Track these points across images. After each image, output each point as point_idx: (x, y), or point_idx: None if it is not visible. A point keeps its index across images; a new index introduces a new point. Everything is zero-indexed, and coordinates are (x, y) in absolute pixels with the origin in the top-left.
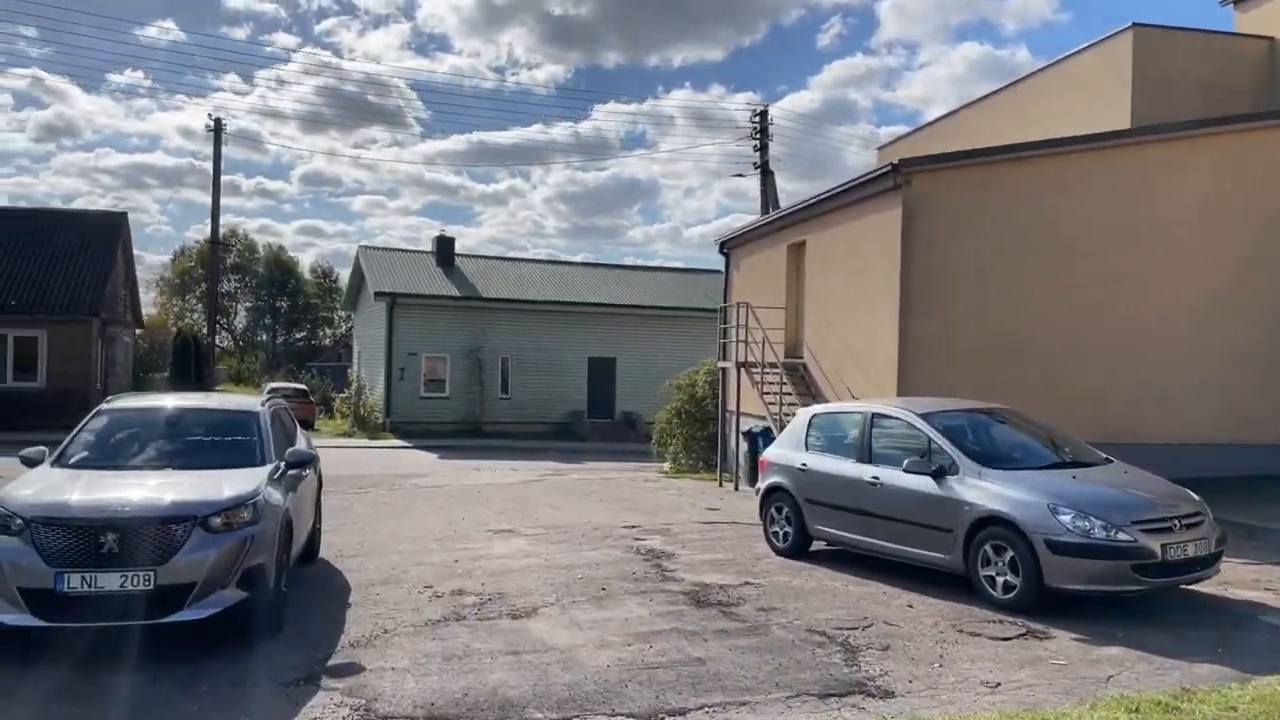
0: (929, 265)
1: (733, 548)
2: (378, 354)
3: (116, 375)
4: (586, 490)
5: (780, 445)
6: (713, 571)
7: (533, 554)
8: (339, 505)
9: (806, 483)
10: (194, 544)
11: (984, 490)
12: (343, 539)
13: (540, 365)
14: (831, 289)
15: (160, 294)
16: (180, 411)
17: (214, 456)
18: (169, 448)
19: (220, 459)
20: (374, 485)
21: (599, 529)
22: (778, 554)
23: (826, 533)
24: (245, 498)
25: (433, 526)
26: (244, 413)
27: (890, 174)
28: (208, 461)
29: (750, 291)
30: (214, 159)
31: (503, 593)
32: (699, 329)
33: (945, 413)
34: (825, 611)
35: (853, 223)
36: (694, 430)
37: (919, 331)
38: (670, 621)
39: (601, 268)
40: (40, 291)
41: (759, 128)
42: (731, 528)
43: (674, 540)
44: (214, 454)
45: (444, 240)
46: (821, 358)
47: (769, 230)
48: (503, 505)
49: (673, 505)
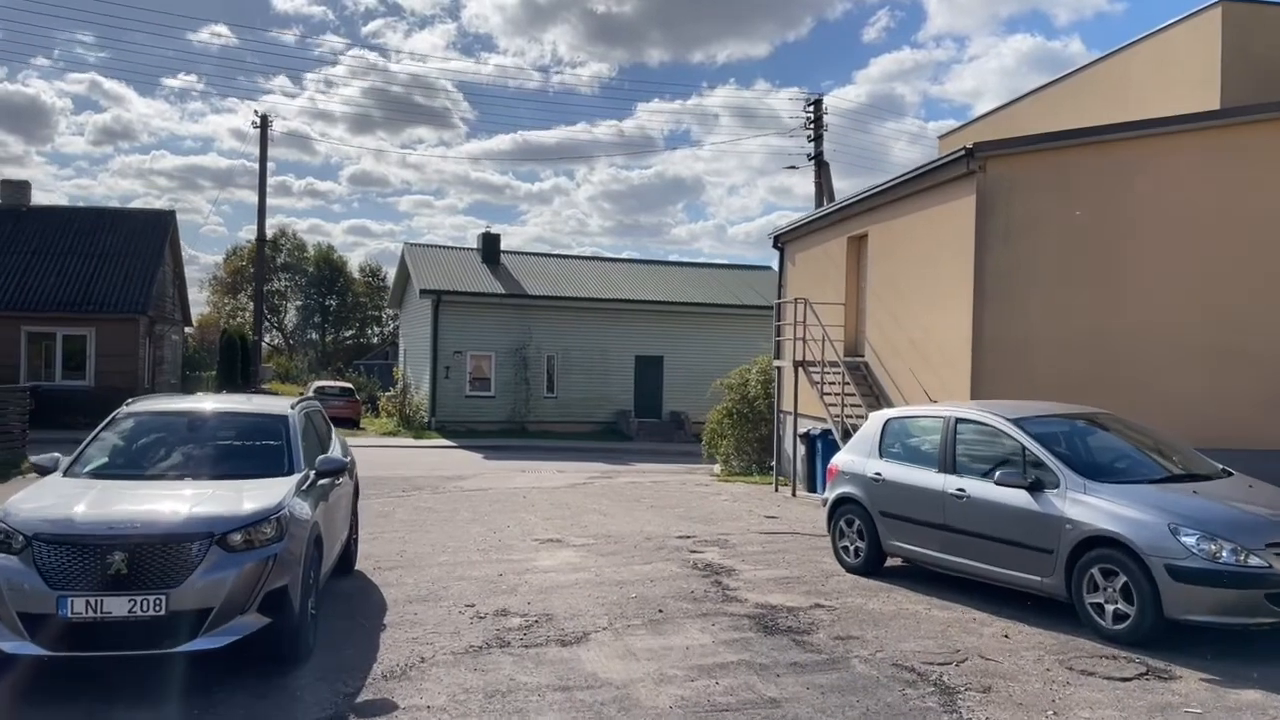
0: (1005, 257)
1: (798, 563)
2: (423, 352)
3: (165, 373)
4: (636, 495)
5: (850, 452)
6: (778, 591)
7: (582, 567)
8: (380, 511)
9: (881, 494)
10: (210, 564)
11: (1091, 507)
12: (382, 549)
13: (586, 364)
14: (897, 283)
15: (213, 293)
16: (203, 415)
17: (237, 465)
18: (189, 455)
19: (244, 467)
20: (417, 488)
21: (651, 539)
22: (848, 571)
23: (903, 549)
24: (268, 511)
25: (476, 535)
26: (271, 416)
27: (964, 159)
28: (230, 470)
29: (806, 287)
30: (260, 155)
31: (550, 614)
32: (748, 326)
33: (1040, 418)
34: (910, 641)
35: (921, 212)
36: (746, 431)
37: (994, 328)
38: (737, 651)
39: (648, 264)
40: (88, 290)
41: (813, 118)
42: (794, 539)
43: (733, 553)
44: (237, 462)
45: (489, 237)
46: (885, 356)
47: (827, 222)
48: (549, 511)
49: (728, 512)
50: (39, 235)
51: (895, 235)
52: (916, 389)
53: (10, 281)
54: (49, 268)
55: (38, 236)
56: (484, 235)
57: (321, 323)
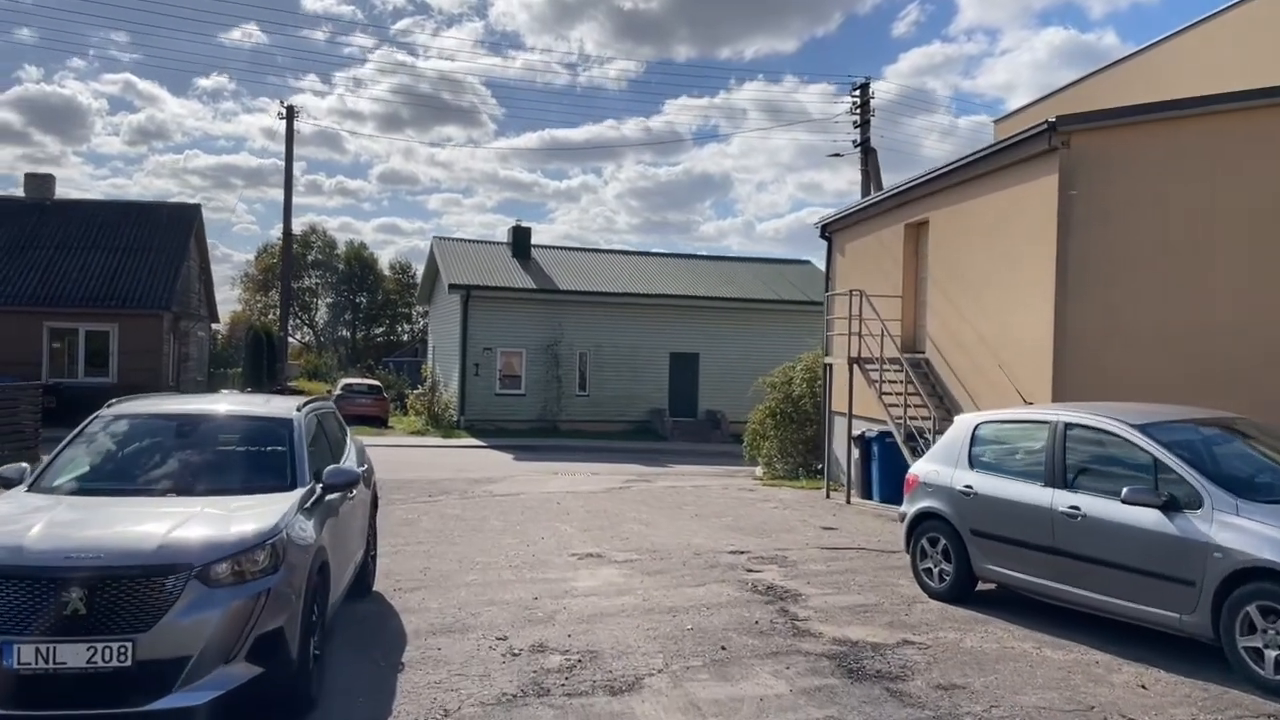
0: (1092, 242)
1: (871, 586)
2: (452, 349)
3: (190, 370)
4: (678, 501)
5: (933, 461)
6: (857, 622)
7: (627, 589)
8: (404, 518)
9: (973, 510)
10: (188, 603)
11: (1245, 532)
12: (404, 564)
13: (619, 361)
14: (963, 273)
15: (245, 290)
16: (193, 419)
17: (230, 477)
18: (173, 466)
19: (238, 481)
20: (444, 492)
21: (701, 555)
22: (932, 597)
23: (1001, 574)
24: (262, 536)
25: (508, 548)
26: (273, 420)
27: (1045, 134)
28: (221, 484)
29: (858, 278)
30: (286, 147)
31: (595, 650)
32: (787, 322)
33: (1172, 424)
34: (1029, 693)
35: (993, 195)
36: (790, 433)
37: (1079, 321)
38: (822, 705)
39: (682, 259)
40: (112, 285)
41: (859, 102)
42: (860, 557)
43: (795, 573)
44: (230, 474)
45: (519, 231)
46: (948, 353)
47: (882, 209)
48: (586, 520)
49: (781, 522)
50: (62, 230)
51: (961, 221)
52: (986, 388)
53: (33, 277)
54: (72, 263)
55: (61, 231)
56: (514, 229)
57: (352, 320)
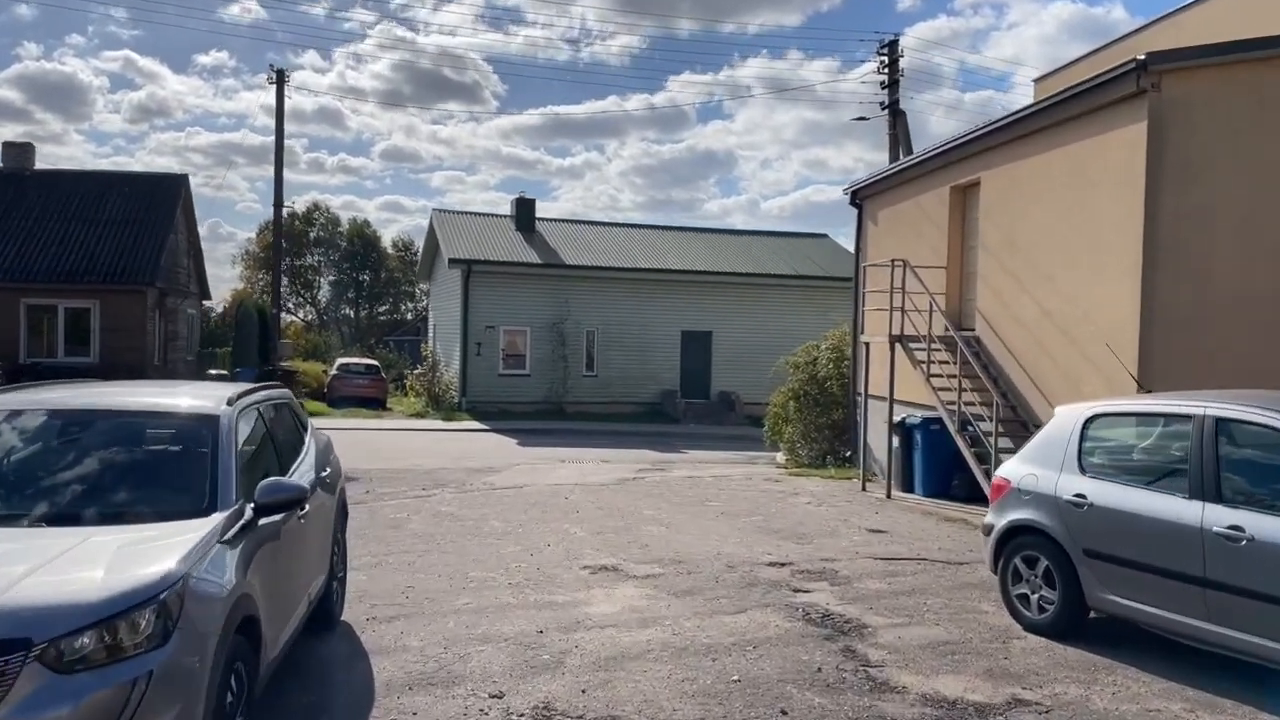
0: (1186, 202)
1: (950, 613)
2: (453, 327)
3: (179, 350)
4: (699, 495)
5: (1029, 461)
6: (946, 669)
7: (652, 617)
8: (391, 518)
9: (1086, 525)
10: (24, 697)
11: None
12: (384, 581)
13: (629, 340)
14: (1022, 240)
15: (246, 268)
16: (82, 417)
17: (124, 500)
18: (48, 484)
19: (135, 504)
20: (440, 485)
21: (736, 568)
22: (1029, 629)
23: (1125, 607)
24: (147, 591)
25: (508, 558)
26: (191, 419)
27: (1133, 73)
28: (111, 509)
29: (893, 248)
30: (276, 112)
31: (617, 716)
32: (805, 298)
33: None
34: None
35: (1063, 149)
36: (815, 416)
37: (1171, 294)
38: None
39: (694, 232)
40: (92, 258)
41: (887, 61)
42: (924, 569)
43: (851, 593)
44: (125, 495)
45: (524, 203)
46: (1003, 330)
47: (921, 171)
48: (598, 520)
49: (820, 523)
50: (41, 201)
51: (1021, 180)
52: (1050, 369)
53: (9, 250)
54: (51, 235)
55: (40, 203)
56: (517, 200)
57: (355, 298)
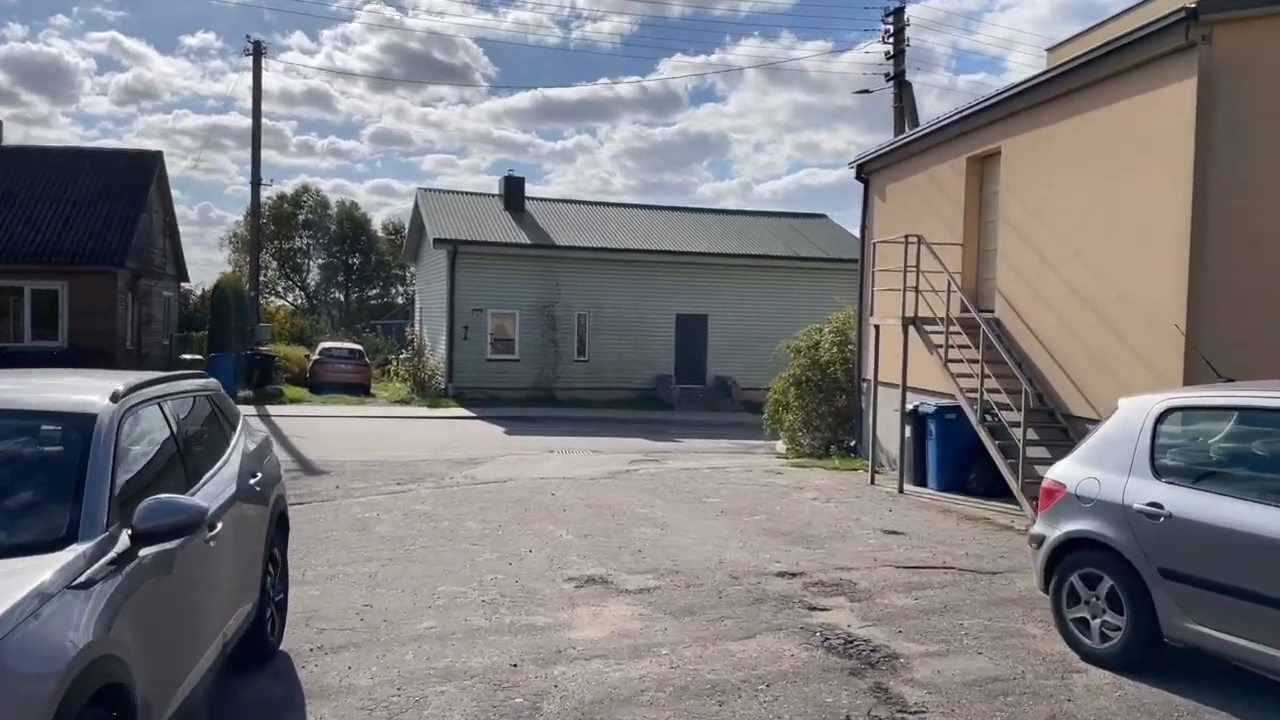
0: (1241, 167)
1: (992, 637)
2: (439, 310)
3: (154, 333)
4: (696, 491)
5: (1087, 462)
6: (998, 714)
7: (646, 645)
8: (358, 518)
9: (1164, 540)
10: None
11: None
12: (338, 598)
13: (622, 323)
14: (1050, 212)
15: (233, 251)
16: None
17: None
18: None
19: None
20: (417, 479)
21: (739, 577)
22: (1089, 660)
23: (1213, 639)
24: None
25: (483, 568)
26: (56, 417)
27: (1182, 23)
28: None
29: (902, 224)
30: (253, 85)
31: None
32: (805, 280)
33: None
34: None
35: (1098, 111)
36: (817, 403)
37: (1223, 269)
38: None
39: (690, 212)
40: (60, 238)
41: (892, 30)
42: (953, 580)
43: (875, 611)
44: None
45: (512, 181)
46: (1026, 311)
47: (934, 141)
48: (586, 519)
49: (829, 522)
50: (7, 179)
51: (1048, 147)
52: (1079, 354)
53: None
54: (16, 215)
55: (5, 180)
56: (506, 179)
57: (345, 282)
